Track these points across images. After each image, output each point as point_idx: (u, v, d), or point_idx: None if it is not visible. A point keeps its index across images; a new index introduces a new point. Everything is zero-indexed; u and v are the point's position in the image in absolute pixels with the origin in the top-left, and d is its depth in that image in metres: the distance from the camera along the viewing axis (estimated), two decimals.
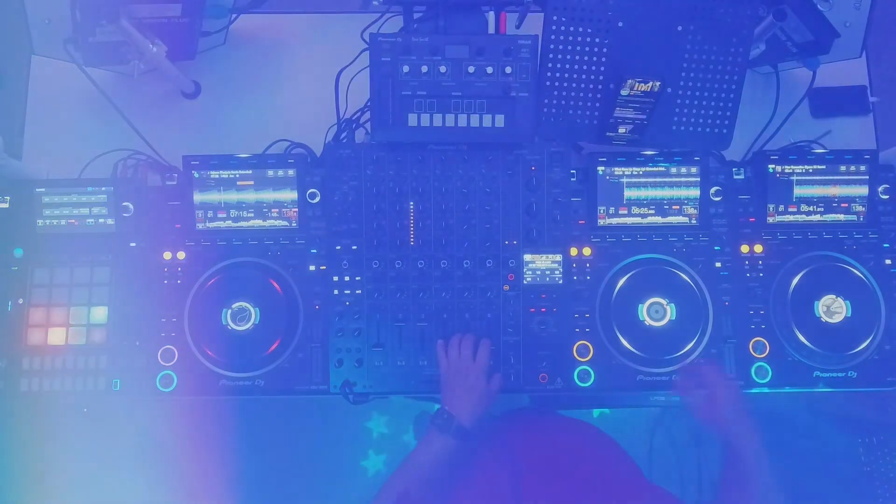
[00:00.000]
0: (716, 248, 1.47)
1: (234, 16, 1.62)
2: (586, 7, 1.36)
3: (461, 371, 1.34)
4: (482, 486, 1.16)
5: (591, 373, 1.44)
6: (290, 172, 1.45)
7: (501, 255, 1.45)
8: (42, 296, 1.45)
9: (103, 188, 1.47)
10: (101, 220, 1.47)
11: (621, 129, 1.42)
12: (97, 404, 1.50)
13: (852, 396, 1.74)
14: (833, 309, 1.43)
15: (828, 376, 1.45)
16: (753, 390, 1.44)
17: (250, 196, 1.45)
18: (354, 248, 1.44)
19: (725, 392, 1.31)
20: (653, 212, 1.46)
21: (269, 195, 1.46)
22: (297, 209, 1.46)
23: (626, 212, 1.47)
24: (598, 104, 1.42)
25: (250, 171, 1.45)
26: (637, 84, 1.34)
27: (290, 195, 1.46)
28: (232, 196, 1.45)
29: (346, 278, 1.44)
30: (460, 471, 1.24)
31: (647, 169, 1.47)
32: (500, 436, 1.27)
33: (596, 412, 2.45)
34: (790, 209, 1.49)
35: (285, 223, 1.46)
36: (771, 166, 1.48)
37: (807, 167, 1.48)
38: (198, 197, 1.45)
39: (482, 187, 1.45)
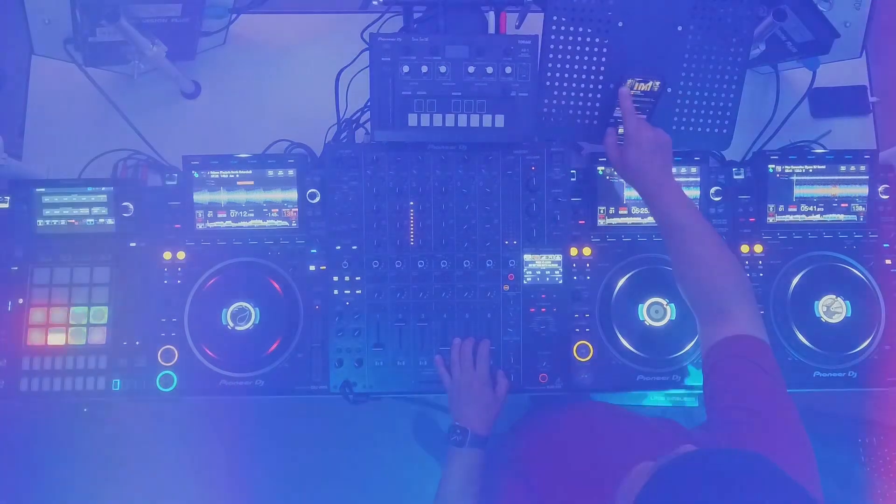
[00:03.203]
0: None
1: (234, 16, 1.62)
2: (586, 7, 1.36)
3: (464, 384, 1.35)
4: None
5: (591, 373, 1.44)
6: (290, 172, 1.45)
7: (501, 255, 1.45)
8: (42, 296, 1.45)
9: (103, 188, 1.46)
10: (101, 220, 1.47)
11: (621, 130, 1.42)
12: (97, 404, 1.50)
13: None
14: (833, 309, 1.43)
15: (828, 376, 1.45)
16: None
17: (250, 196, 1.45)
18: (354, 248, 1.44)
19: (638, 134, 1.26)
20: None
21: (268, 195, 1.46)
22: (297, 209, 1.46)
23: (625, 212, 1.47)
24: (598, 104, 1.42)
25: (250, 171, 1.45)
26: (637, 84, 1.34)
27: (290, 195, 1.46)
28: (232, 196, 1.45)
29: (346, 278, 1.44)
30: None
31: None
32: (507, 452, 1.28)
33: None
34: (790, 209, 1.49)
35: (285, 223, 1.46)
36: (771, 166, 1.48)
37: (807, 167, 1.48)
38: (198, 197, 1.45)
39: (482, 187, 1.45)
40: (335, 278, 1.44)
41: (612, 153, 1.32)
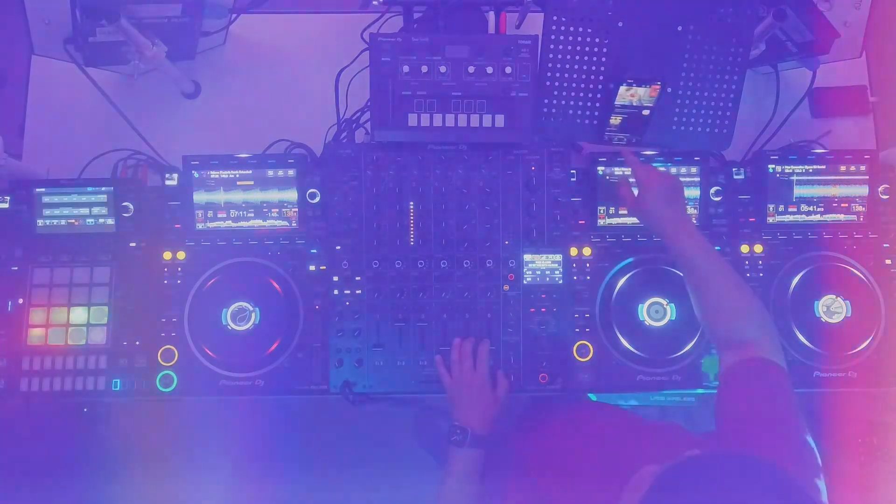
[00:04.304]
0: (716, 247, 1.47)
1: (234, 16, 1.62)
2: (586, 7, 1.36)
3: (464, 384, 1.35)
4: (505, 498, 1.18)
5: (591, 373, 1.44)
6: (290, 172, 1.45)
7: (501, 255, 1.45)
8: (42, 296, 1.45)
9: (103, 188, 1.46)
10: (101, 220, 1.46)
11: (617, 139, 1.43)
12: (97, 404, 1.50)
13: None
14: (833, 309, 1.43)
15: (828, 376, 1.45)
16: None
17: (250, 196, 1.45)
18: (354, 248, 1.44)
19: (649, 182, 1.30)
20: None
21: (268, 195, 1.46)
22: (297, 209, 1.46)
23: (625, 212, 1.47)
24: (598, 104, 1.42)
25: (250, 171, 1.45)
26: (631, 89, 1.35)
27: (290, 195, 1.46)
28: (232, 196, 1.45)
29: (346, 278, 1.44)
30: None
31: None
32: (509, 453, 1.28)
33: None
34: (790, 209, 1.49)
35: (285, 223, 1.46)
36: (771, 166, 1.48)
37: (807, 167, 1.48)
38: (198, 197, 1.45)
39: (482, 187, 1.45)
40: (335, 278, 1.44)
41: (628, 202, 1.37)
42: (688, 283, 1.26)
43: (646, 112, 1.38)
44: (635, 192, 1.35)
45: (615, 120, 1.40)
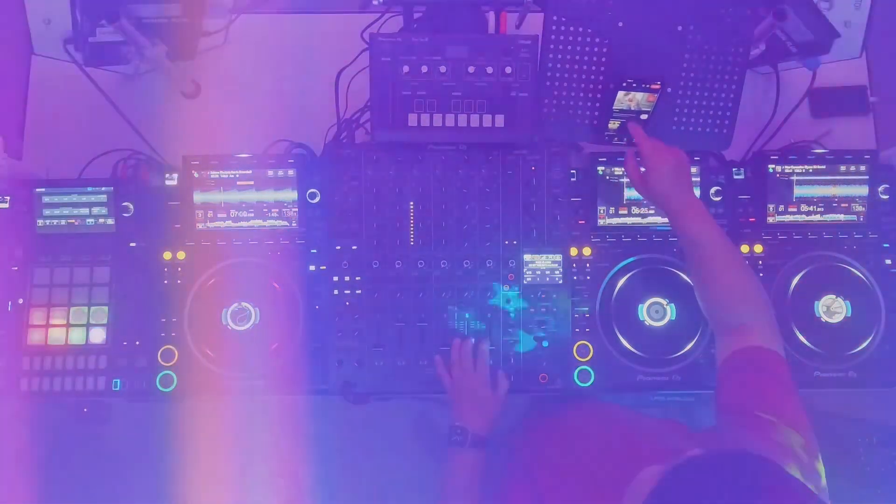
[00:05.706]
0: None
1: (234, 16, 1.62)
2: (586, 7, 1.36)
3: (465, 385, 1.35)
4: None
5: (591, 373, 1.44)
6: (290, 172, 1.45)
7: (501, 255, 1.45)
8: (42, 296, 1.45)
9: (103, 188, 1.46)
10: (101, 220, 1.47)
11: (616, 140, 1.43)
12: (97, 404, 1.50)
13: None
14: (833, 309, 1.43)
15: (828, 376, 1.45)
16: None
17: (250, 196, 1.45)
18: (354, 248, 1.44)
19: (656, 159, 1.26)
20: (652, 212, 1.46)
21: (269, 195, 1.46)
22: (297, 209, 1.46)
23: (626, 212, 1.47)
24: (598, 104, 1.42)
25: (250, 171, 1.45)
26: (629, 93, 1.34)
27: (290, 195, 1.46)
28: (232, 196, 1.45)
29: (346, 278, 1.44)
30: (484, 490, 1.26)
31: None
32: (512, 453, 1.28)
33: None
34: (790, 209, 1.49)
35: (285, 223, 1.46)
36: (771, 166, 1.48)
37: (807, 167, 1.48)
38: (198, 197, 1.45)
39: (482, 187, 1.45)
40: (335, 278, 1.44)
41: (633, 176, 1.32)
42: (690, 262, 1.25)
43: (644, 117, 1.38)
44: (642, 169, 1.33)
45: (613, 125, 1.40)
